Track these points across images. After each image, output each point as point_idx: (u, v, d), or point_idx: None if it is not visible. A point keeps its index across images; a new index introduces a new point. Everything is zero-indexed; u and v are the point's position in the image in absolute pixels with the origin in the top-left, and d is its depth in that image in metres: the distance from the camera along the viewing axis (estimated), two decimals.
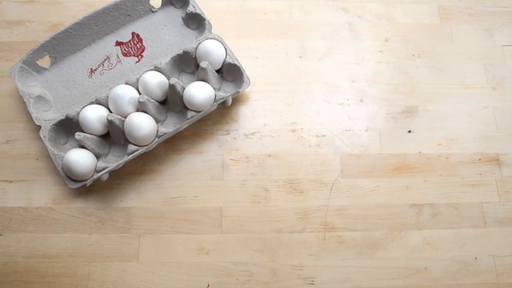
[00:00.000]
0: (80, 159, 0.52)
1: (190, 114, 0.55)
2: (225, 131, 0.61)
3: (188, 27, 0.63)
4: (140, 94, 0.56)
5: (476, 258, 0.56)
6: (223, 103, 0.58)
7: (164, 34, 0.63)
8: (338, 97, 0.63)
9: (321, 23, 0.67)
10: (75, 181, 0.54)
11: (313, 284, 0.55)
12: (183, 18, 0.63)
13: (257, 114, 0.62)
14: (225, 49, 0.58)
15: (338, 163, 0.60)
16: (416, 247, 0.57)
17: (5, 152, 0.59)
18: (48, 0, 0.66)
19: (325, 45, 0.66)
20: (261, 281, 0.54)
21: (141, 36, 0.63)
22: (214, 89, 0.57)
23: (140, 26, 0.63)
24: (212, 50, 0.57)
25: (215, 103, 0.56)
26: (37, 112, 0.57)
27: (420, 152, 0.61)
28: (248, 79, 0.57)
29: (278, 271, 0.55)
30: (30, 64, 0.59)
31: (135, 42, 0.62)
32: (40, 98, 0.58)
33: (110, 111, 0.56)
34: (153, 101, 0.55)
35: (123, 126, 0.54)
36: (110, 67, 0.61)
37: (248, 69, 0.58)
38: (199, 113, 0.55)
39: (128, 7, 0.61)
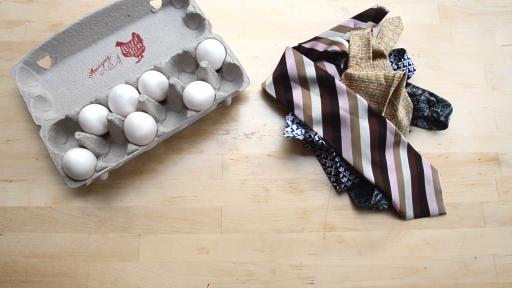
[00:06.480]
0: (80, 158, 0.52)
1: (189, 113, 0.55)
2: (225, 131, 0.61)
3: (188, 27, 0.63)
4: (140, 93, 0.56)
5: (476, 257, 0.56)
6: (223, 102, 0.58)
7: (164, 34, 0.63)
8: None
9: (321, 23, 0.67)
10: (75, 180, 0.54)
11: (313, 283, 0.54)
12: (183, 19, 0.63)
13: (257, 114, 0.62)
14: (225, 49, 0.58)
15: None
16: (416, 246, 0.56)
17: (5, 152, 0.59)
18: (48, 0, 0.66)
19: None
20: (261, 280, 0.54)
21: (141, 36, 0.63)
22: (214, 88, 0.57)
23: (140, 27, 0.63)
24: (212, 50, 0.57)
25: (214, 103, 0.56)
26: (37, 112, 0.57)
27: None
28: (248, 79, 0.58)
29: (278, 270, 0.55)
30: (31, 64, 0.59)
31: (135, 43, 0.62)
32: (40, 98, 0.58)
33: (110, 111, 0.56)
34: (153, 100, 0.55)
35: (123, 125, 0.54)
36: (110, 67, 0.61)
37: (248, 69, 0.58)
38: (199, 113, 0.55)
39: (128, 8, 0.61)
